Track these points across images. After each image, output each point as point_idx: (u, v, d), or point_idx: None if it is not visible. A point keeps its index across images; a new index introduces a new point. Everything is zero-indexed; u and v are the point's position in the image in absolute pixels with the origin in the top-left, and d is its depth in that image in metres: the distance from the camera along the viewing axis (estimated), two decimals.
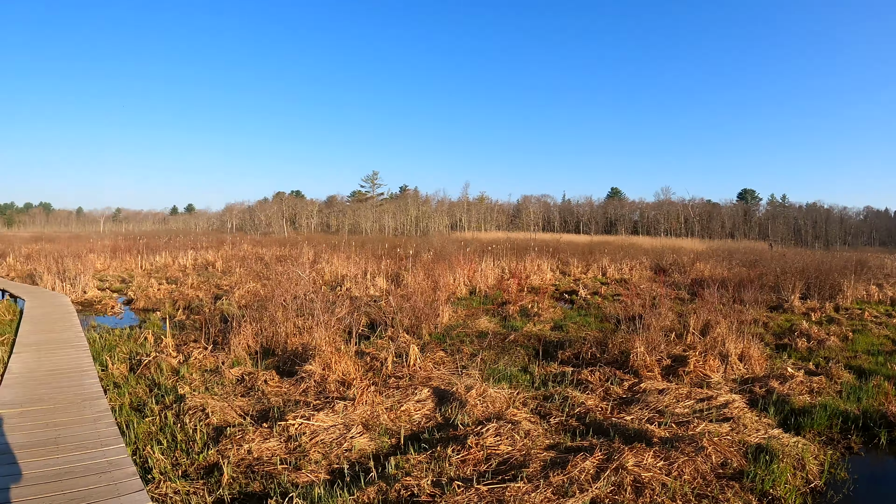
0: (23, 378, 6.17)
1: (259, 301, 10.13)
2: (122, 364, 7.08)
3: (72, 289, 14.52)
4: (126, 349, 7.90)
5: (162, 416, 5.31)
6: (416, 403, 5.53)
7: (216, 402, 5.50)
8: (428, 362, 6.97)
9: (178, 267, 20.77)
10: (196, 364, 7.03)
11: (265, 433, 4.75)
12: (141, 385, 6.31)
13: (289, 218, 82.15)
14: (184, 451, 4.60)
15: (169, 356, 7.31)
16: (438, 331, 9.00)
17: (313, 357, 6.62)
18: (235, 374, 6.59)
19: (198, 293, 13.94)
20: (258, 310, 8.82)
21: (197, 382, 6.28)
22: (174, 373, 6.78)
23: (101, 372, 6.73)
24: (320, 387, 6.09)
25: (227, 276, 17.31)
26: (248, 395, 5.95)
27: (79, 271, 16.03)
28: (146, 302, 13.32)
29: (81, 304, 13.16)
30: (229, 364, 7.04)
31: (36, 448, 4.24)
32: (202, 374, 6.71)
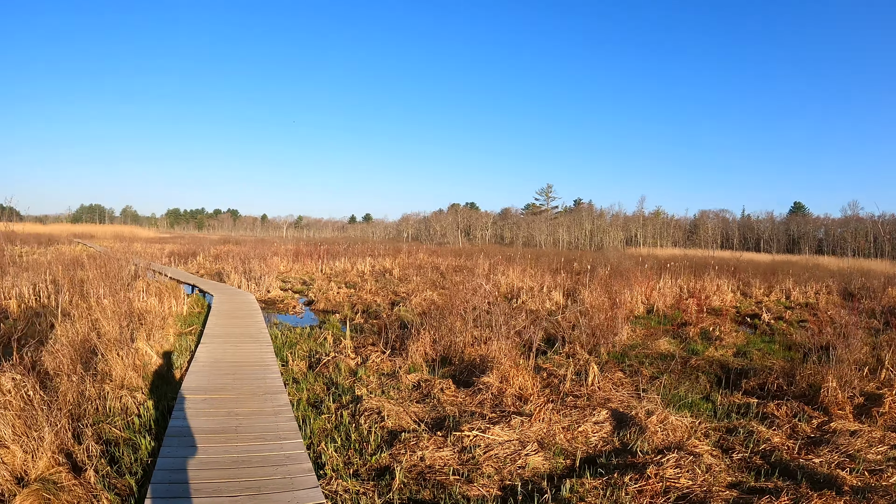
0: (208, 367, 8.09)
1: (436, 309, 12.54)
2: (302, 361, 9.20)
3: (256, 288, 19.30)
4: (306, 347, 10.24)
5: (338, 414, 6.72)
6: (593, 425, 6.47)
7: (392, 405, 6.75)
8: (606, 382, 8.21)
9: (356, 273, 26.20)
10: (373, 367, 8.88)
11: (439, 442, 5.76)
12: (319, 383, 8.14)
13: (463, 229, 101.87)
14: (357, 451, 5.71)
15: (347, 357, 9.32)
16: (616, 350, 10.72)
17: (491, 369, 8.02)
18: (412, 379, 8.16)
19: (375, 298, 17.75)
20: (436, 318, 10.93)
21: (373, 385, 7.88)
22: (351, 374, 8.61)
23: (282, 367, 8.63)
24: (497, 400, 7.29)
25: (404, 284, 21.46)
26: (423, 402, 7.26)
27: (263, 272, 21.21)
28: (326, 304, 17.33)
29: (265, 302, 17.16)
30: (406, 369, 8.74)
31: (217, 434, 5.42)
32: (379, 377, 8.38)
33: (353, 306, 16.36)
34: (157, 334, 10.14)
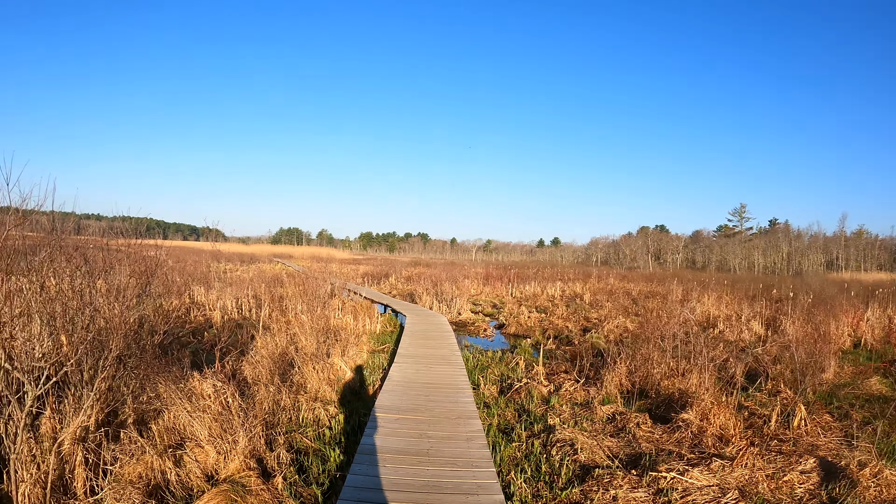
0: (401, 386, 8.44)
1: (630, 336, 12.89)
2: (493, 385, 9.45)
3: (448, 309, 20.37)
4: (497, 371, 10.51)
5: (528, 443, 6.84)
6: (799, 475, 6.28)
7: (585, 438, 6.82)
8: (813, 426, 7.95)
9: (546, 297, 26.76)
10: (566, 396, 9.10)
11: (633, 481, 5.73)
12: (510, 409, 8.29)
13: (653, 253, 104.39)
14: (546, 484, 5.75)
15: (540, 384, 9.48)
16: (823, 388, 10.47)
17: (690, 404, 7.98)
18: (606, 411, 8.21)
19: (567, 324, 17.99)
20: (630, 346, 10.93)
21: (566, 414, 7.98)
22: (543, 401, 8.75)
23: (473, 391, 8.84)
24: (696, 439, 7.22)
25: (596, 309, 21.72)
26: (617, 436, 7.25)
27: (454, 294, 22.38)
28: (517, 328, 17.90)
29: (456, 324, 17.90)
30: (600, 400, 8.81)
31: (408, 456, 5.58)
32: (572, 406, 8.52)
33: (544, 331, 16.86)
34: (351, 351, 10.83)
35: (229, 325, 13.49)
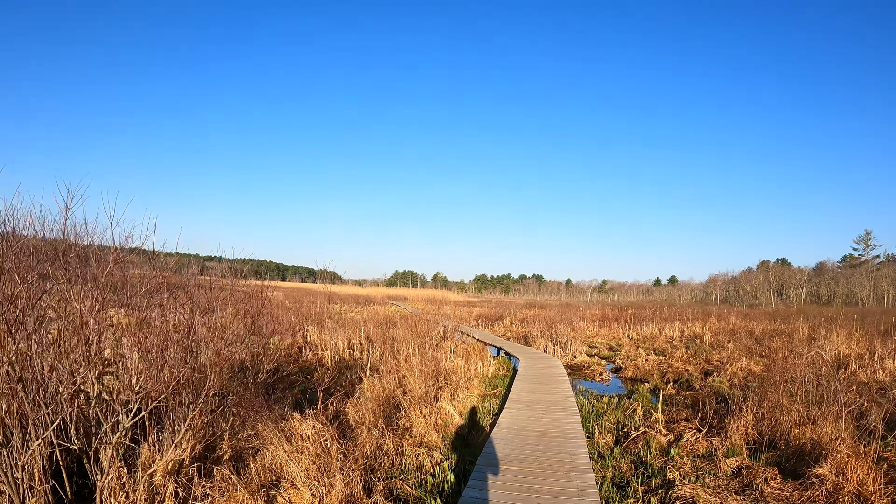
0: (511, 433, 7.96)
1: (754, 380, 12.30)
2: (609, 434, 8.77)
3: (562, 352, 19.74)
4: (613, 419, 9.80)
5: (645, 499, 6.31)
6: None
7: (707, 496, 6.38)
8: None
9: (664, 338, 25.51)
10: (687, 446, 8.36)
11: None
12: (626, 460, 7.67)
13: (775, 288, 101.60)
14: None
15: (658, 433, 8.77)
16: None
17: (824, 457, 7.28)
18: (731, 464, 7.53)
19: (687, 367, 16.94)
20: (756, 391, 10.18)
21: (687, 468, 7.37)
22: (663, 452, 8.08)
23: (587, 439, 8.29)
24: (831, 497, 6.57)
25: (717, 351, 20.57)
26: (742, 493, 6.68)
27: (569, 337, 21.68)
28: (634, 372, 17.07)
29: (570, 367, 17.36)
30: (724, 451, 8.11)
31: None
32: (693, 458, 7.84)
33: (662, 375, 16.14)
34: (461, 394, 10.54)
35: (340, 366, 13.59)
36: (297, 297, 42.03)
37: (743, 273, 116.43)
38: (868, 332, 22.39)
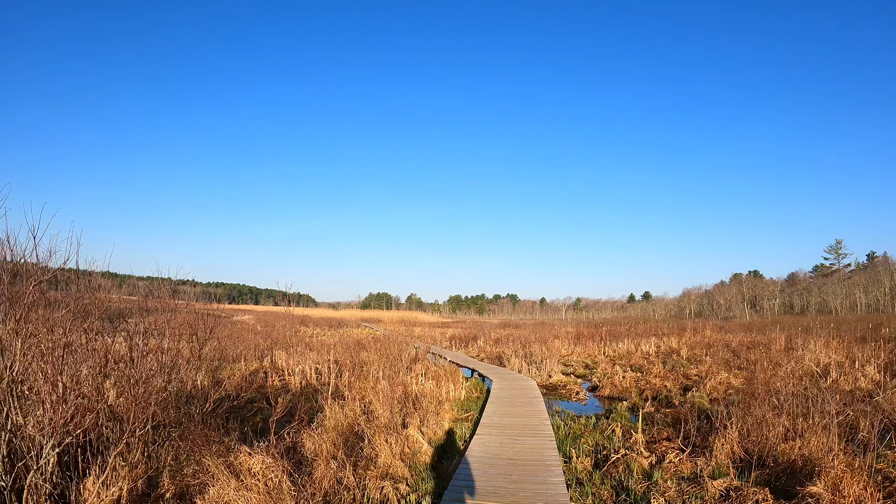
0: (482, 463, 7.49)
1: (736, 393, 12.14)
2: (587, 458, 8.33)
3: (537, 372, 19.33)
4: (591, 441, 9.40)
5: None
6: None
7: None
8: None
9: (641, 354, 25.28)
10: (671, 468, 8.03)
11: None
12: (606, 486, 7.26)
13: (749, 300, 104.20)
14: None
15: (640, 455, 8.39)
16: None
17: (818, 474, 6.94)
18: (718, 486, 7.13)
19: (665, 383, 16.77)
20: (739, 405, 9.87)
21: (672, 492, 7.00)
22: (645, 476, 7.72)
23: (564, 465, 7.86)
24: None
25: (695, 365, 20.44)
26: None
27: (544, 356, 21.29)
28: (611, 390, 16.69)
29: (546, 387, 16.96)
30: (709, 473, 7.73)
31: None
32: (678, 481, 7.41)
33: (641, 392, 15.84)
34: (431, 420, 10.09)
35: (306, 392, 13.03)
36: (269, 321, 41.30)
37: (716, 286, 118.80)
38: (845, 340, 22.74)
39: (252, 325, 37.36)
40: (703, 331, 36.92)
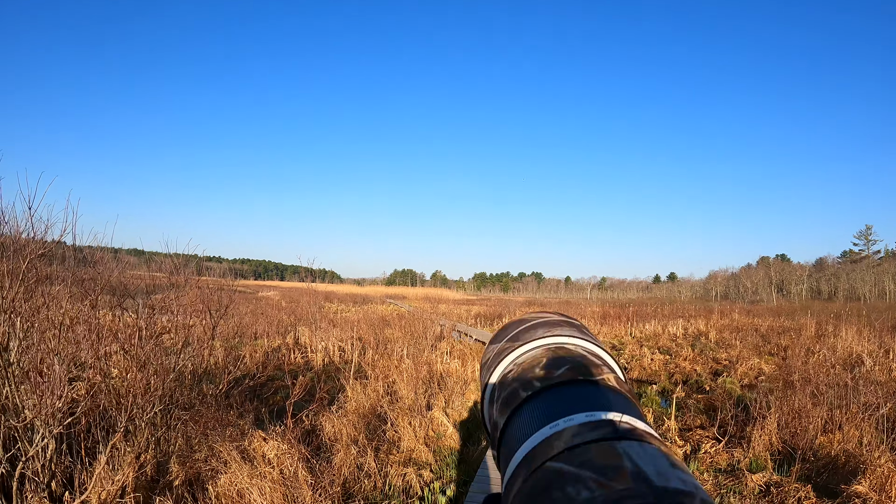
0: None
1: (766, 380, 11.77)
2: None
3: None
4: None
5: None
6: None
7: None
8: None
9: (668, 336, 24.85)
10: (706, 459, 7.63)
11: None
12: None
13: (776, 284, 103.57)
14: None
15: (673, 444, 8.03)
16: None
17: (862, 471, 6.49)
18: (757, 480, 6.70)
19: (694, 367, 16.31)
20: (780, 395, 9.26)
21: (709, 485, 6.73)
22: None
23: None
24: None
25: (724, 349, 19.98)
26: None
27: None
28: (640, 372, 16.30)
29: None
30: (747, 465, 7.35)
31: None
32: (714, 474, 7.11)
33: (670, 376, 15.34)
34: (456, 401, 9.72)
35: (329, 370, 12.79)
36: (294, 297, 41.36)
37: (743, 269, 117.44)
38: (878, 328, 21.92)
39: (276, 300, 37.43)
40: (730, 314, 36.35)
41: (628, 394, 0.53)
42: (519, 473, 0.45)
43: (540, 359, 0.59)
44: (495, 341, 0.71)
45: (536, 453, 0.45)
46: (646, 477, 0.36)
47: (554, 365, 0.57)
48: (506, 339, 0.69)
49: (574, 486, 0.38)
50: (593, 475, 0.38)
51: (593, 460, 0.40)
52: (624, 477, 0.37)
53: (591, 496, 0.36)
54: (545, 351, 0.61)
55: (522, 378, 0.57)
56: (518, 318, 0.73)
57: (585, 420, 0.46)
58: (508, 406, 0.55)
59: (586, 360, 0.57)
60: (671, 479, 0.36)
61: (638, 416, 0.48)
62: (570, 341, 0.63)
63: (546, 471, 0.42)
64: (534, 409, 0.52)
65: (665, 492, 0.35)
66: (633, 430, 0.44)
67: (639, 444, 0.41)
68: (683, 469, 0.39)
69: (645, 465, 0.38)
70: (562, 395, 0.52)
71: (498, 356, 0.66)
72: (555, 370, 0.56)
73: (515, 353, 0.64)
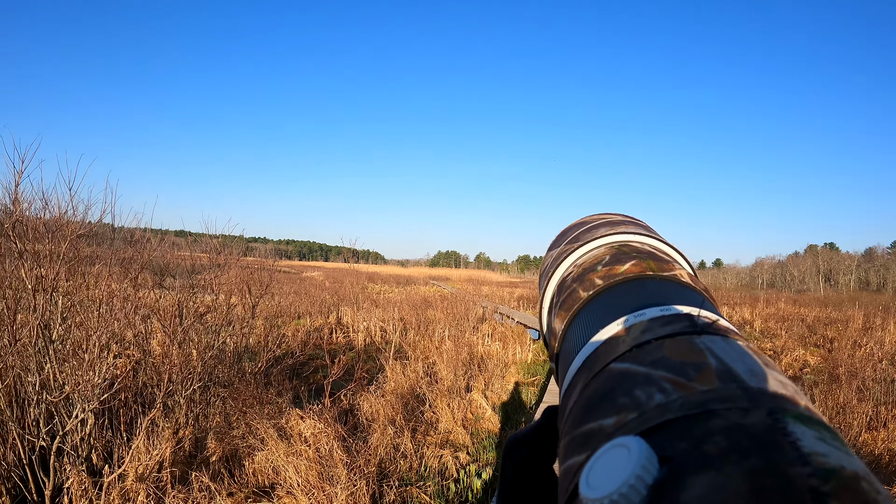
0: None
1: (810, 372, 11.67)
2: None
3: None
4: None
5: None
6: None
7: None
8: None
9: None
10: None
11: None
12: None
13: (823, 273, 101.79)
14: None
15: None
16: None
17: None
18: None
19: None
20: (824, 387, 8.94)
21: None
22: None
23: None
24: None
25: (769, 339, 19.52)
26: None
27: None
28: None
29: None
30: None
31: None
32: None
33: None
34: (496, 384, 9.70)
35: (369, 350, 12.90)
36: (338, 278, 41.78)
37: (790, 257, 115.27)
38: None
39: (320, 280, 37.88)
40: (776, 303, 35.52)
41: (704, 292, 0.46)
42: (578, 380, 0.39)
43: (602, 257, 0.53)
44: (554, 246, 0.66)
45: (599, 355, 0.38)
46: (736, 376, 0.29)
47: (618, 262, 0.51)
48: (565, 241, 0.63)
49: (644, 389, 0.30)
50: (669, 374, 0.31)
51: (668, 358, 0.33)
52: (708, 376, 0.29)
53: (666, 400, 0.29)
54: (608, 249, 0.55)
55: (583, 278, 0.51)
56: (578, 221, 0.68)
57: (657, 314, 0.39)
58: (568, 310, 0.49)
59: (654, 257, 0.52)
60: (768, 380, 0.29)
61: (718, 313, 0.41)
62: (637, 239, 0.57)
63: (610, 373, 0.35)
64: (595, 309, 0.45)
65: (762, 394, 0.27)
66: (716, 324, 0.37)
67: (723, 340, 0.34)
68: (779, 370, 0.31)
69: (734, 362, 0.30)
70: (628, 292, 0.45)
71: (556, 260, 0.60)
72: (619, 267, 0.49)
73: (576, 255, 0.58)
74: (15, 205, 3.92)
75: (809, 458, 0.22)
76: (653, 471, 0.24)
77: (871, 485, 0.21)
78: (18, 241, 3.83)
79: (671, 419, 0.27)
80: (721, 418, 0.26)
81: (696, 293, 0.44)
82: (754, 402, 0.26)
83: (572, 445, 0.32)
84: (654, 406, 0.28)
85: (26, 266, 3.85)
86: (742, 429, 0.24)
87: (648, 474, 0.24)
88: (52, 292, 3.96)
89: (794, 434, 0.24)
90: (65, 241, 4.00)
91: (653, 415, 0.28)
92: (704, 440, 0.24)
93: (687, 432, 0.26)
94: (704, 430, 0.25)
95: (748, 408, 0.26)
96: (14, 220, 3.86)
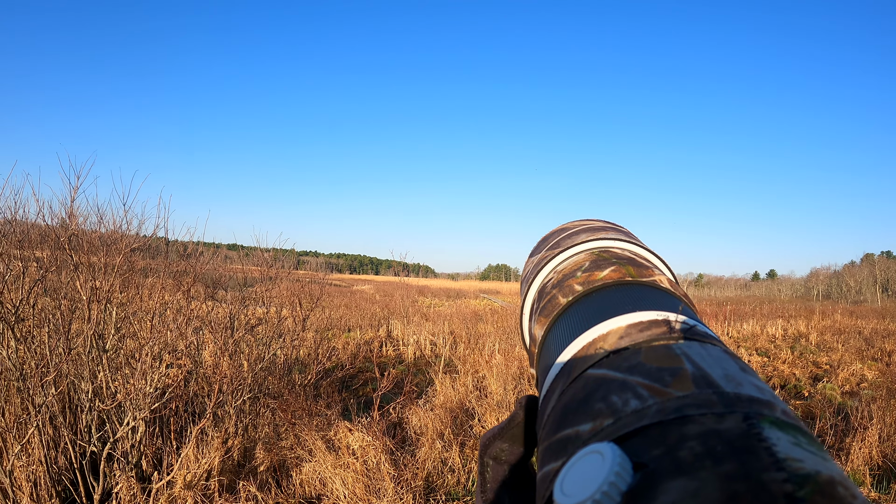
0: None
1: (868, 388, 11.44)
2: None
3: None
4: None
5: None
6: None
7: None
8: None
9: (766, 337, 23.53)
10: None
11: None
12: None
13: (881, 284, 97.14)
14: None
15: None
16: None
17: None
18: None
19: (793, 370, 15.44)
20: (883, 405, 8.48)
21: None
22: None
23: None
24: None
25: (825, 353, 18.71)
26: None
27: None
28: None
29: None
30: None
31: None
32: None
33: (768, 379, 14.58)
34: None
35: (419, 363, 12.90)
36: (388, 291, 42.11)
37: (846, 266, 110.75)
38: None
39: (371, 294, 38.23)
40: (832, 314, 34.33)
41: (683, 297, 0.46)
42: (556, 386, 0.38)
43: (582, 263, 0.53)
44: (535, 253, 0.66)
45: (576, 361, 0.38)
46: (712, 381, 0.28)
47: (597, 268, 0.50)
48: (546, 248, 0.62)
49: (620, 395, 0.30)
50: (645, 380, 0.30)
51: (645, 363, 0.32)
52: (684, 382, 0.29)
53: (641, 406, 0.28)
54: (588, 255, 0.54)
55: (562, 284, 0.51)
56: (558, 227, 0.68)
57: (635, 320, 0.38)
58: (548, 316, 0.49)
59: (634, 262, 0.51)
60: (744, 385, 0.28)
61: (696, 319, 0.40)
62: (617, 245, 0.56)
63: (587, 379, 0.34)
64: (575, 315, 0.45)
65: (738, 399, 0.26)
66: (693, 330, 0.36)
67: (700, 345, 0.33)
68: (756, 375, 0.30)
69: (710, 367, 0.30)
70: (606, 298, 0.44)
71: (537, 266, 0.59)
72: (598, 273, 0.49)
73: (556, 261, 0.58)
74: (70, 219, 4.07)
75: (784, 463, 0.22)
76: (627, 477, 0.24)
77: (848, 489, 0.21)
78: (74, 254, 3.97)
79: (646, 425, 0.27)
80: (696, 424, 0.25)
81: (675, 299, 0.45)
82: (730, 407, 0.26)
83: (549, 452, 0.32)
84: (629, 412, 0.28)
85: (81, 278, 3.97)
86: (717, 434, 0.24)
87: (622, 481, 0.24)
88: (106, 303, 4.07)
89: (769, 439, 0.24)
90: (119, 254, 4.11)
91: (628, 421, 0.27)
92: (679, 446, 0.24)
93: (661, 438, 0.25)
94: (679, 436, 0.25)
95: (723, 413, 0.26)
96: (70, 234, 3.99)
